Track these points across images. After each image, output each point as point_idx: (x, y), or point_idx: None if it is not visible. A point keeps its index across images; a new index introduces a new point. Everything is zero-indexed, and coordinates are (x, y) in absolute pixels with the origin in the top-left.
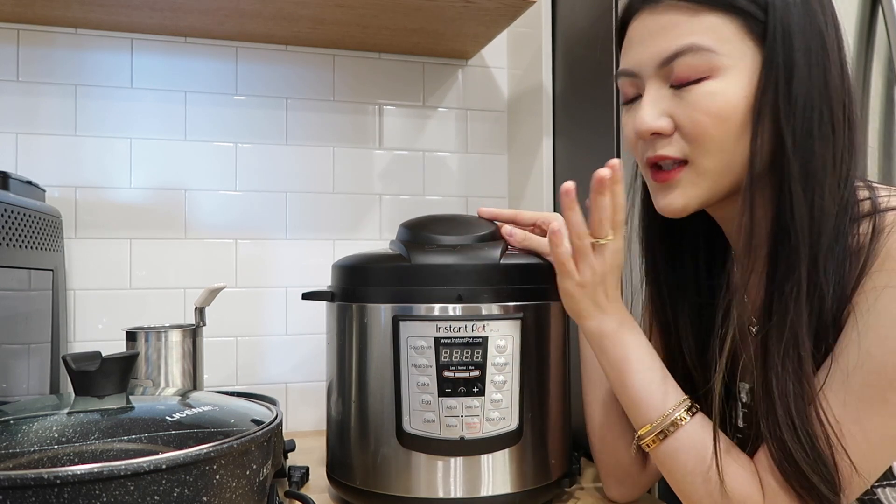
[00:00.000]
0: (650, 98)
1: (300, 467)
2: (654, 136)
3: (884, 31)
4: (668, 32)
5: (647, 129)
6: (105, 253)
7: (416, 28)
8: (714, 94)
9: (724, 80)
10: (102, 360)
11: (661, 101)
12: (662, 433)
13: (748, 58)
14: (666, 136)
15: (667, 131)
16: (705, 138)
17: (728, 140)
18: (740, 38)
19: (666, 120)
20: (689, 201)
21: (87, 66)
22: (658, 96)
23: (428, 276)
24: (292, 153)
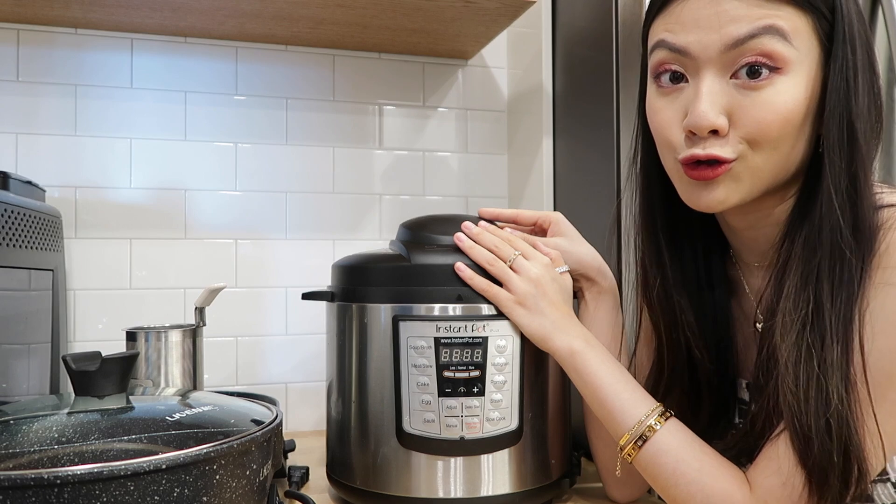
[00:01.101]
0: (709, 89)
1: (300, 467)
2: (709, 135)
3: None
4: (739, 17)
5: (707, 125)
6: (105, 253)
7: (416, 28)
8: (783, 92)
9: (793, 77)
10: (102, 360)
11: (721, 95)
12: (641, 439)
13: (812, 57)
14: (721, 135)
15: (724, 131)
16: (765, 138)
17: (784, 141)
18: (809, 35)
19: (724, 118)
20: (729, 196)
21: (87, 66)
22: (717, 88)
23: (428, 276)
24: (292, 153)
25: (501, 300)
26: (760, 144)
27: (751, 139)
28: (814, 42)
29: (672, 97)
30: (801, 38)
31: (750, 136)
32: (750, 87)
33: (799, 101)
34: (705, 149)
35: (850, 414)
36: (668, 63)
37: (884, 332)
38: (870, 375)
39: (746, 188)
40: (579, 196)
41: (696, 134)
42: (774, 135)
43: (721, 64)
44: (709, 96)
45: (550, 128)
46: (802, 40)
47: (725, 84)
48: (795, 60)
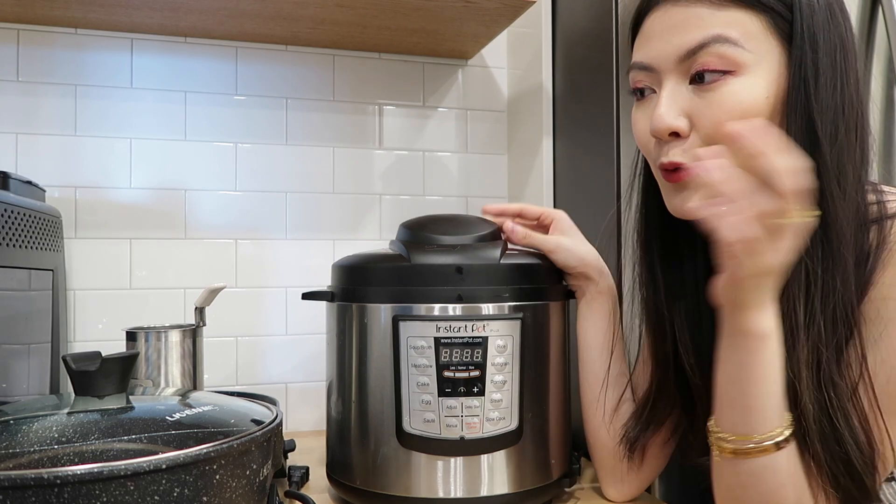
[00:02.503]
0: (668, 94)
1: (300, 467)
2: (670, 137)
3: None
4: (692, 25)
5: (665, 127)
6: (105, 253)
7: (416, 28)
8: (738, 93)
9: (749, 78)
10: (102, 360)
11: (680, 99)
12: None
13: (772, 57)
14: (682, 138)
15: (684, 132)
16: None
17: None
18: (765, 36)
19: (683, 120)
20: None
21: (87, 66)
22: (676, 93)
23: (428, 276)
24: (292, 153)
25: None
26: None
27: (711, 141)
28: (771, 42)
29: (644, 109)
30: (755, 41)
31: (710, 138)
32: (705, 89)
33: (758, 100)
34: (667, 155)
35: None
36: (639, 80)
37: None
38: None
39: None
40: (579, 196)
41: (660, 139)
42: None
43: (679, 72)
44: (666, 100)
45: (550, 128)
46: (757, 42)
47: (685, 89)
48: (750, 63)
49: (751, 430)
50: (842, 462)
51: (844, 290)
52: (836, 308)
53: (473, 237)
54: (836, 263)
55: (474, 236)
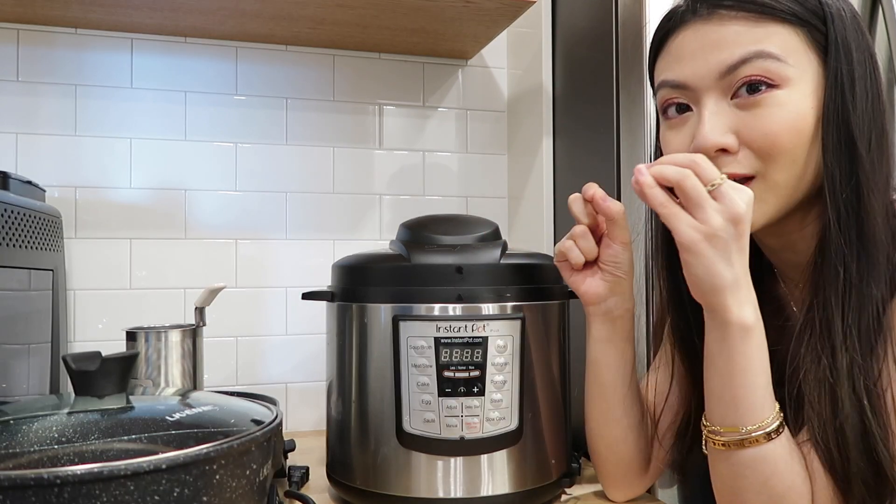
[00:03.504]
0: (711, 112)
1: (300, 467)
2: (717, 154)
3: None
4: (730, 42)
5: (712, 144)
6: (105, 253)
7: (416, 28)
8: (785, 104)
9: (793, 91)
10: (102, 360)
11: (724, 116)
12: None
13: (811, 69)
14: (731, 154)
15: (733, 148)
16: (778, 151)
17: (800, 152)
18: (804, 50)
19: (731, 137)
20: (758, 218)
21: (87, 66)
22: (718, 110)
23: (428, 276)
24: (292, 153)
25: (682, 228)
26: (774, 158)
27: (763, 154)
28: (810, 55)
29: (680, 128)
30: (795, 55)
31: (761, 150)
32: (751, 103)
33: (805, 112)
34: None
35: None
36: (671, 98)
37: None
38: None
39: (772, 208)
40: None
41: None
42: (786, 146)
43: (719, 89)
44: (711, 118)
45: (550, 128)
46: (797, 56)
47: (727, 106)
48: (793, 77)
49: (740, 422)
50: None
51: (880, 297)
52: (871, 315)
53: (473, 237)
54: (872, 270)
55: (474, 236)
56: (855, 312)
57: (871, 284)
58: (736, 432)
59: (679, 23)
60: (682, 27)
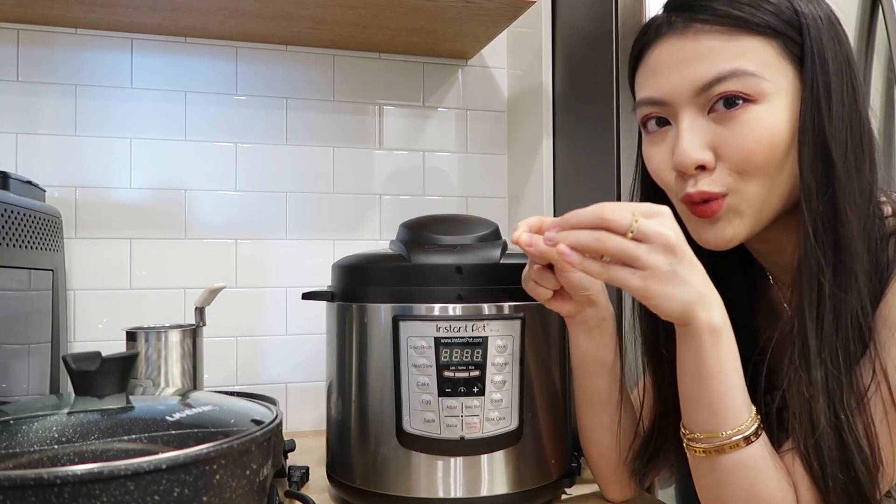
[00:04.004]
0: (688, 128)
1: (300, 467)
2: (696, 171)
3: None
4: (705, 58)
5: (691, 162)
6: (105, 253)
7: (416, 28)
8: (762, 119)
9: (770, 105)
10: (102, 360)
11: (701, 132)
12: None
13: (787, 81)
14: (708, 170)
15: (710, 164)
16: (752, 166)
17: (775, 166)
18: (779, 62)
19: (709, 153)
20: (738, 232)
21: (87, 66)
22: (696, 126)
23: (428, 276)
24: (292, 153)
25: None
26: (750, 174)
27: (739, 169)
28: (786, 67)
29: (660, 143)
30: (770, 69)
31: (737, 166)
32: (728, 118)
33: (781, 126)
34: (696, 186)
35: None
36: (650, 113)
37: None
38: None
39: (751, 221)
40: (579, 196)
41: (685, 173)
42: (761, 162)
43: (696, 105)
44: (689, 134)
45: (550, 128)
46: (773, 70)
47: (704, 120)
48: (770, 91)
49: (718, 427)
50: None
51: (857, 306)
52: (849, 326)
53: (473, 237)
54: (849, 282)
55: (474, 236)
56: (831, 325)
57: (847, 296)
58: (715, 437)
59: (655, 36)
60: (659, 41)
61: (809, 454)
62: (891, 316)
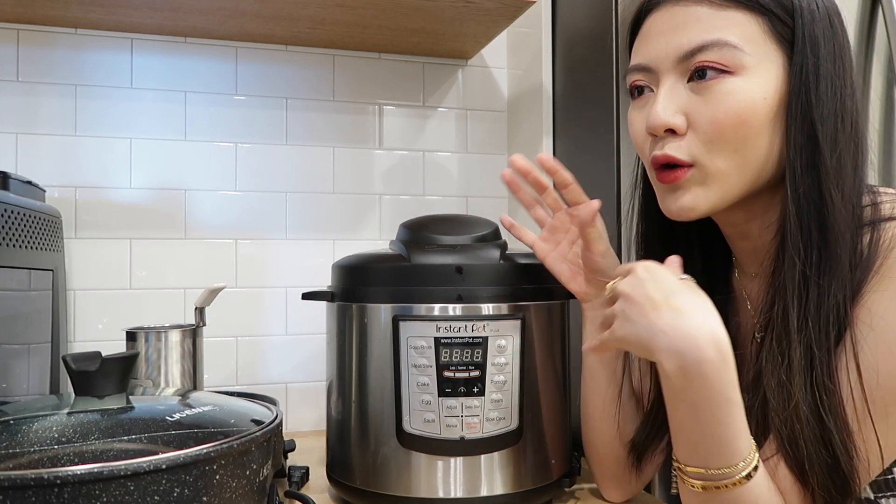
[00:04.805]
0: (665, 92)
1: (300, 467)
2: (666, 134)
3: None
4: (692, 26)
5: (661, 123)
6: (105, 253)
7: (416, 28)
8: (736, 92)
9: (747, 79)
10: (102, 360)
11: (678, 97)
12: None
13: (771, 60)
14: (678, 136)
15: (681, 129)
16: (721, 139)
17: (744, 142)
18: (764, 40)
19: (681, 117)
20: (698, 203)
21: (87, 66)
22: (674, 92)
23: (428, 276)
24: (292, 153)
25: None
26: (718, 146)
27: (707, 140)
28: (770, 46)
29: (640, 108)
30: (753, 44)
31: (706, 136)
32: (704, 88)
33: (755, 101)
34: (662, 148)
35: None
36: (637, 80)
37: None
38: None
39: (716, 195)
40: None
41: (655, 136)
42: (730, 135)
43: (677, 72)
44: (664, 97)
45: (550, 128)
46: (756, 45)
47: (683, 88)
48: (749, 65)
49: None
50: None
51: (839, 292)
52: (829, 311)
53: (473, 237)
54: (833, 267)
55: (474, 236)
56: (813, 305)
57: (830, 281)
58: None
59: (652, 6)
60: (654, 9)
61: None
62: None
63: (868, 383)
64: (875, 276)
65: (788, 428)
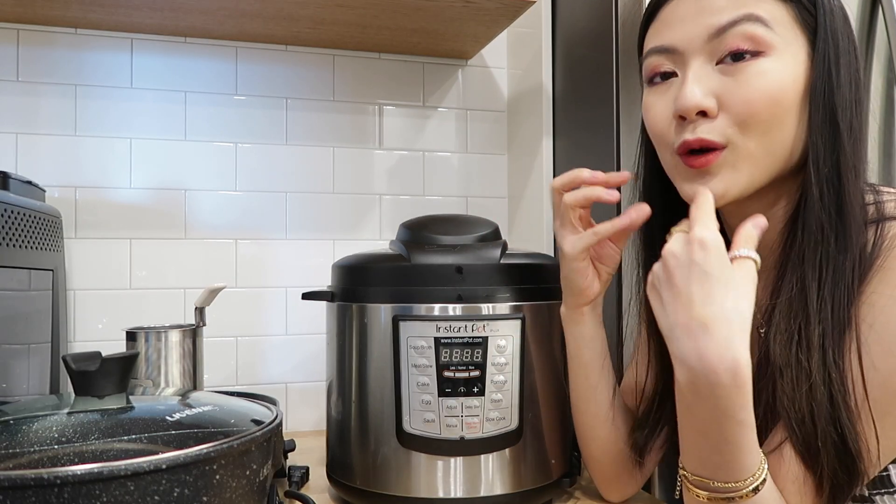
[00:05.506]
0: (695, 73)
1: (300, 467)
2: (697, 117)
3: (884, 31)
4: (719, 9)
5: (693, 105)
6: (105, 253)
7: (416, 28)
8: (768, 72)
9: (776, 60)
10: (102, 360)
11: (707, 79)
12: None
13: (796, 45)
14: (709, 118)
15: (713, 111)
16: (754, 119)
17: (775, 123)
18: (790, 25)
19: (712, 99)
20: (729, 188)
21: (87, 66)
22: (703, 73)
23: (428, 276)
24: (292, 153)
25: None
26: (750, 127)
27: (740, 121)
28: (796, 31)
29: (663, 93)
30: (782, 26)
31: (739, 117)
32: (735, 70)
33: (785, 82)
34: (695, 132)
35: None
36: (658, 65)
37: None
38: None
39: (745, 178)
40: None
41: (685, 119)
42: (763, 115)
43: (707, 53)
44: (695, 79)
45: (550, 128)
46: (784, 28)
47: (712, 70)
48: (778, 45)
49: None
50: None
51: (851, 273)
52: (843, 293)
53: (473, 237)
54: (848, 248)
55: (474, 236)
56: (830, 285)
57: (846, 259)
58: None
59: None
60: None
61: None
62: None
63: (868, 381)
64: (877, 273)
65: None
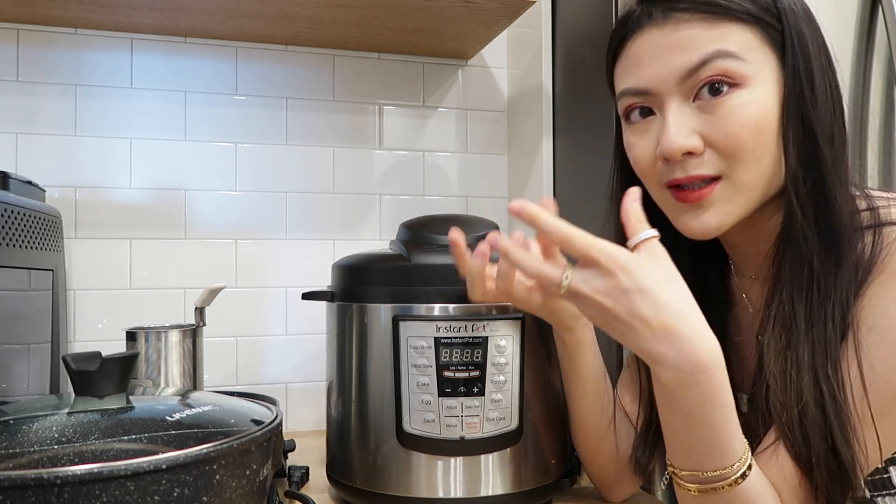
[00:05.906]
0: (674, 115)
1: (300, 467)
2: (684, 157)
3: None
4: (687, 45)
5: (678, 148)
6: (105, 253)
7: (416, 28)
8: (747, 104)
9: (754, 89)
10: (102, 360)
11: (687, 119)
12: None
13: (769, 67)
14: (697, 156)
15: (699, 150)
16: (742, 151)
17: (762, 150)
18: (760, 48)
19: (696, 138)
20: (725, 220)
21: (87, 66)
22: (682, 113)
23: (428, 276)
24: (292, 153)
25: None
26: (739, 158)
27: (727, 154)
28: (767, 52)
29: (643, 132)
30: (752, 52)
31: (726, 151)
32: (714, 105)
33: (765, 109)
34: (686, 171)
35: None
36: (633, 103)
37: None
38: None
39: (740, 208)
40: (579, 197)
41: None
42: (750, 146)
43: (681, 92)
44: (675, 122)
45: (550, 128)
46: (755, 54)
47: (689, 109)
48: (753, 75)
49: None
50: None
51: (843, 290)
52: (834, 307)
53: (473, 237)
54: (838, 263)
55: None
56: (819, 303)
57: (836, 277)
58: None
59: (635, 27)
60: (639, 32)
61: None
62: (873, 310)
63: (868, 382)
64: (878, 277)
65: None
